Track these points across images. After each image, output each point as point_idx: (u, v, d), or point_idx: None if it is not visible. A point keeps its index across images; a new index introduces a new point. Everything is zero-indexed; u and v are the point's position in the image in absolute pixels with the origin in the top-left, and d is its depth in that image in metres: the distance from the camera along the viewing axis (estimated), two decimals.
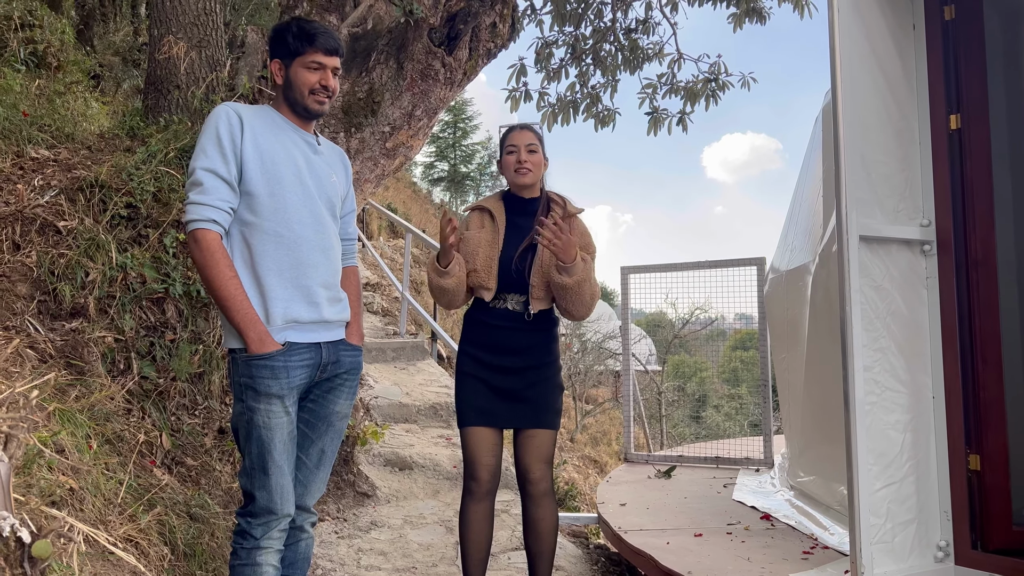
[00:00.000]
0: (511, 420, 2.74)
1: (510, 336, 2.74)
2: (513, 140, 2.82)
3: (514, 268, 2.72)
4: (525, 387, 2.72)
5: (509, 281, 2.74)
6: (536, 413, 2.72)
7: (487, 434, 2.72)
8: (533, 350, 2.75)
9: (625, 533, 3.52)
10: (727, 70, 6.31)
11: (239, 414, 2.14)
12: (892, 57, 2.90)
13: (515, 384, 2.72)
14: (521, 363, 2.73)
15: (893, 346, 2.80)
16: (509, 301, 2.75)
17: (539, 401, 2.73)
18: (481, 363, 2.75)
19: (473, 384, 2.75)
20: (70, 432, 2.35)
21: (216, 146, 2.15)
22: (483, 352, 2.76)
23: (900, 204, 2.89)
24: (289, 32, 2.24)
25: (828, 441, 3.81)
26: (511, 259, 2.74)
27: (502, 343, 2.74)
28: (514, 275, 2.73)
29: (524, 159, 2.78)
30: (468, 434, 2.73)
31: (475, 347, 2.78)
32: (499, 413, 2.72)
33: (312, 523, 2.37)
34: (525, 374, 2.73)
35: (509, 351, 2.73)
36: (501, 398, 2.73)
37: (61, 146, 4.39)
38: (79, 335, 3.27)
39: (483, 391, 2.73)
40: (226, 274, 2.10)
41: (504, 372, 2.73)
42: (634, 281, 5.69)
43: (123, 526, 2.22)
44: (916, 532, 2.76)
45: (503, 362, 2.73)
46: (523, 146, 2.79)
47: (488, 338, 2.76)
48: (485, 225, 2.82)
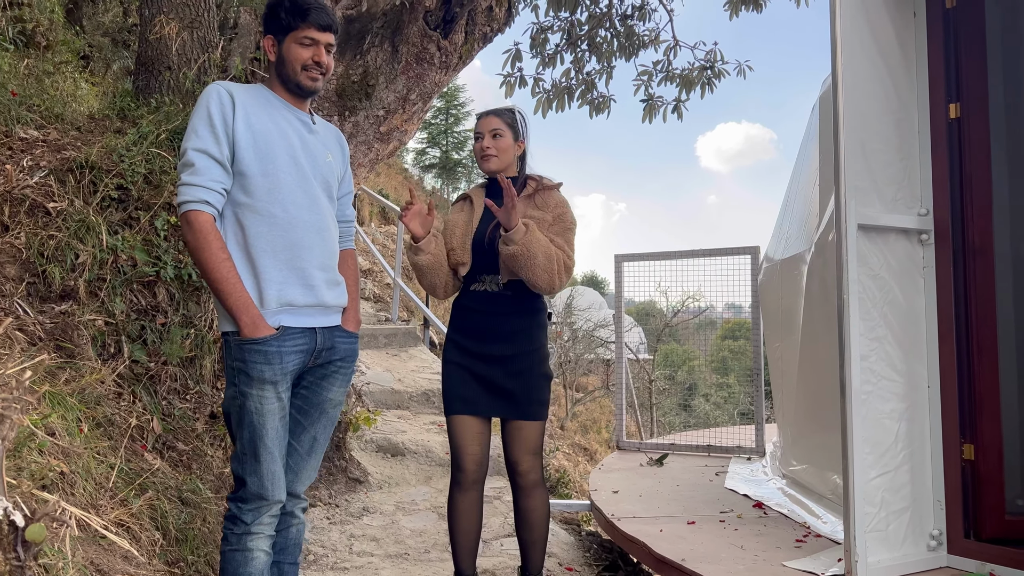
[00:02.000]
0: (495, 410, 2.72)
1: (492, 321, 2.73)
2: (479, 127, 2.84)
3: (486, 241, 2.73)
4: (508, 377, 2.69)
5: (482, 255, 2.75)
6: (520, 405, 2.70)
7: (472, 423, 2.71)
8: (516, 337, 2.72)
9: (618, 520, 3.52)
10: (723, 58, 6.28)
11: (231, 398, 2.11)
12: (892, 45, 2.89)
13: (497, 373, 2.69)
14: (503, 351, 2.70)
15: (890, 335, 2.80)
16: (487, 283, 2.75)
17: (523, 393, 2.70)
18: (465, 351, 2.74)
19: (457, 372, 2.74)
20: (61, 415, 2.31)
21: (208, 126, 2.11)
22: (466, 339, 2.75)
23: (898, 193, 2.88)
24: (282, 7, 2.20)
25: (821, 429, 3.82)
26: (484, 236, 2.75)
27: (484, 328, 2.73)
28: (486, 248, 2.73)
29: (487, 145, 2.79)
30: (453, 423, 2.72)
31: (459, 334, 2.78)
32: (483, 402, 2.71)
33: (303, 508, 2.34)
34: (508, 363, 2.70)
35: (491, 337, 2.71)
36: (484, 387, 2.71)
37: (50, 126, 4.32)
38: (69, 318, 3.23)
39: (467, 379, 2.72)
40: (219, 256, 2.06)
41: (486, 360, 2.71)
42: (627, 269, 5.67)
43: (114, 510, 2.20)
44: (910, 520, 2.77)
45: (485, 350, 2.71)
46: (487, 132, 2.81)
47: (471, 323, 2.76)
48: (464, 209, 2.88)
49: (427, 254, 2.71)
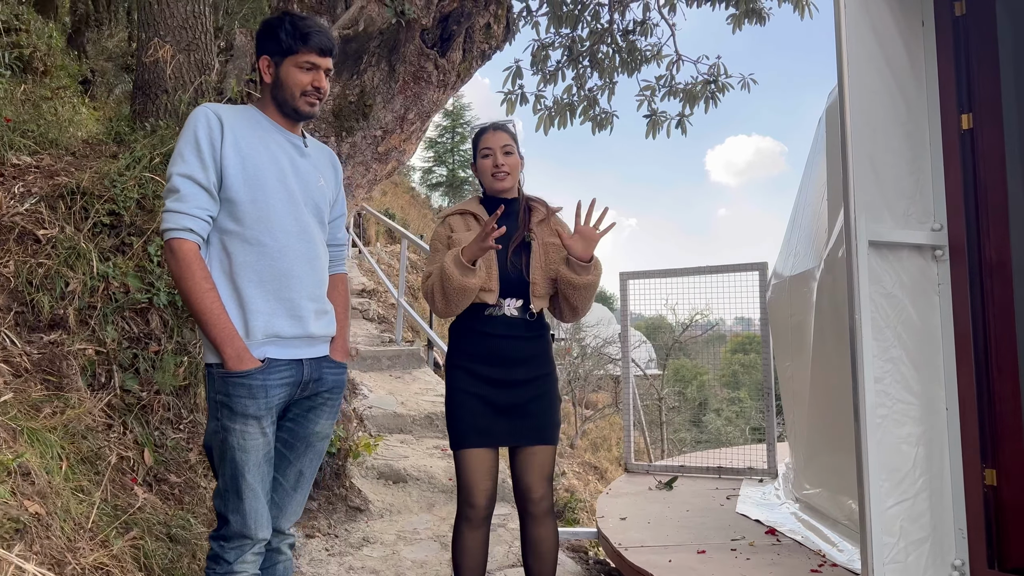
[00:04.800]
0: (512, 437, 2.56)
1: (510, 346, 2.57)
2: (487, 142, 2.67)
3: (510, 265, 2.57)
4: (527, 401, 2.56)
5: (508, 281, 2.59)
6: (539, 429, 2.57)
7: (485, 456, 2.54)
8: (534, 360, 2.60)
9: (625, 550, 3.40)
10: (726, 71, 6.20)
11: (213, 432, 2.02)
12: (900, 55, 2.79)
13: (516, 399, 2.55)
14: (522, 375, 2.57)
15: (904, 356, 2.68)
16: (506, 307, 2.58)
17: (542, 416, 2.57)
18: (478, 377, 2.56)
19: (469, 401, 2.55)
20: (39, 453, 2.22)
21: (194, 150, 2.03)
22: (480, 365, 2.57)
23: (910, 208, 2.77)
24: (282, 28, 2.11)
25: (834, 451, 3.69)
26: (506, 259, 2.59)
27: (501, 354, 2.57)
28: (511, 274, 2.58)
29: (501, 163, 2.63)
30: (465, 457, 2.53)
31: (470, 360, 2.59)
32: (499, 431, 2.55)
33: (290, 544, 2.24)
34: (526, 387, 2.57)
35: (509, 362, 2.57)
36: (501, 415, 2.55)
37: (44, 152, 4.27)
38: (57, 348, 3.15)
39: (480, 408, 2.54)
40: (202, 286, 1.98)
41: (504, 386, 2.55)
42: (633, 286, 5.57)
43: (93, 553, 2.10)
44: (930, 551, 2.64)
45: (503, 375, 2.55)
46: (498, 148, 2.65)
47: (485, 349, 2.57)
48: (472, 228, 2.65)
49: (477, 276, 2.48)
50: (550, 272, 2.61)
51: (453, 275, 2.43)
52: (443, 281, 2.46)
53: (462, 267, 2.43)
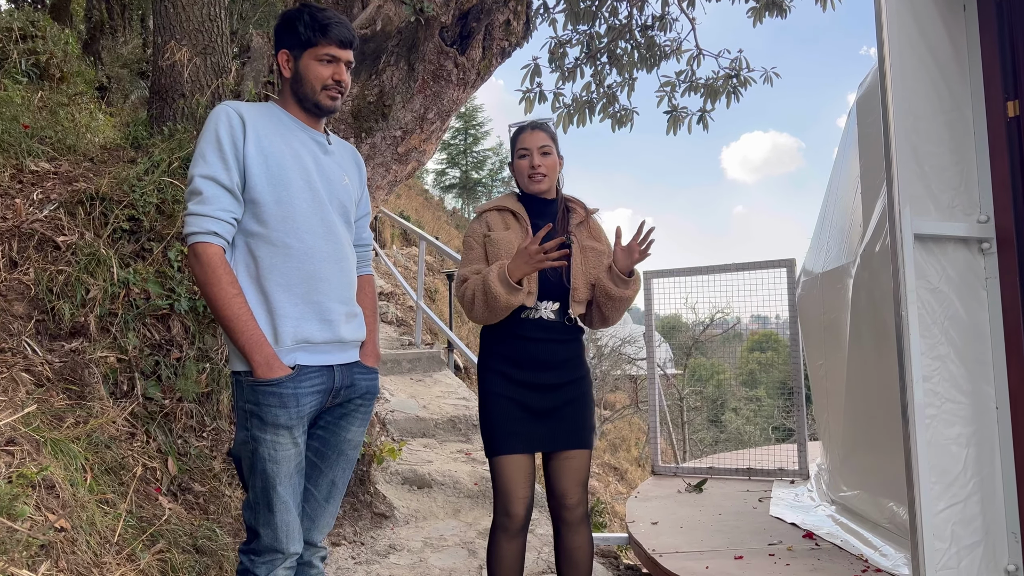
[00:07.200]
0: (549, 442, 2.48)
1: (546, 349, 2.50)
2: (524, 143, 2.58)
3: (549, 269, 2.48)
4: (563, 404, 2.49)
5: (546, 284, 2.51)
6: (575, 432, 2.49)
7: (523, 463, 2.45)
8: (569, 363, 2.53)
9: (660, 556, 3.31)
10: (749, 65, 6.09)
11: (242, 443, 1.94)
12: (943, 40, 2.69)
13: (553, 402, 2.48)
14: (558, 379, 2.49)
15: (952, 353, 2.58)
16: (542, 310, 2.51)
17: (578, 419, 2.50)
18: (513, 381, 2.48)
19: (505, 405, 2.47)
20: (63, 464, 2.16)
21: (216, 151, 1.95)
22: (515, 369, 2.49)
23: (955, 199, 2.67)
24: (300, 20, 2.04)
25: (872, 451, 3.59)
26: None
27: (538, 357, 2.49)
28: (550, 277, 2.51)
29: (538, 163, 2.54)
30: (501, 464, 2.44)
31: (505, 363, 2.50)
32: (536, 436, 2.47)
33: (322, 557, 2.16)
34: (562, 391, 2.50)
35: (545, 366, 2.49)
36: (538, 419, 2.47)
37: (62, 158, 4.24)
38: (79, 356, 3.10)
39: (517, 413, 2.46)
40: (229, 292, 1.90)
41: (541, 390, 2.48)
42: (656, 285, 5.48)
43: (120, 567, 2.04)
44: (983, 555, 2.53)
45: (539, 379, 2.48)
46: (536, 149, 2.56)
47: (521, 353, 2.49)
48: (511, 226, 2.56)
49: (523, 292, 2.40)
50: (590, 277, 2.54)
51: (499, 295, 2.35)
52: (487, 298, 2.38)
53: (508, 287, 2.35)
